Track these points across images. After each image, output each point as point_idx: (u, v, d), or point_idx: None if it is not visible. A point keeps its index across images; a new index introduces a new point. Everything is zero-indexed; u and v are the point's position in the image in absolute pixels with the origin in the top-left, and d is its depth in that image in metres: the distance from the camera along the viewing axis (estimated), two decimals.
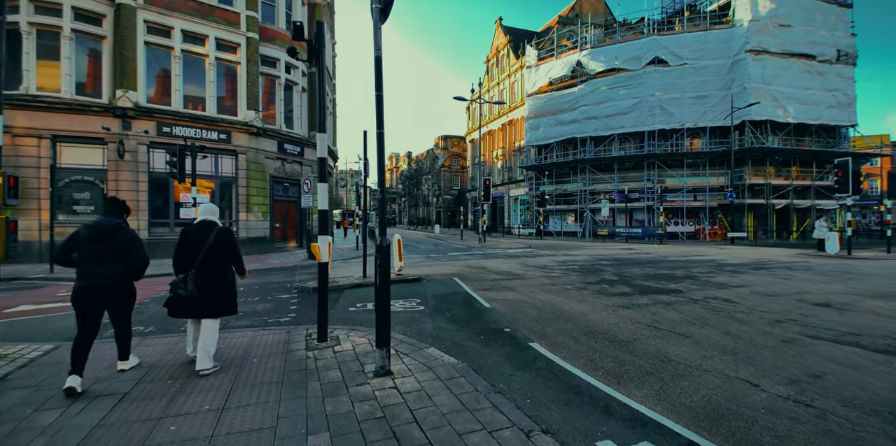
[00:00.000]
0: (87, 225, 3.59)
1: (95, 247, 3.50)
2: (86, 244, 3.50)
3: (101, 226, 3.56)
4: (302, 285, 7.99)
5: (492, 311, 6.08)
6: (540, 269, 10.95)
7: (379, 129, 3.69)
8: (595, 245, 21.55)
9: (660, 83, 27.79)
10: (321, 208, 4.61)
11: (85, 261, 3.50)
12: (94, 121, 14.14)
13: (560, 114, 30.96)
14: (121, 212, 3.78)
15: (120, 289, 3.63)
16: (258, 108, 17.50)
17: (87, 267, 3.49)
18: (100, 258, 3.50)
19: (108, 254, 3.52)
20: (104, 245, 3.51)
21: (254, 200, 17.27)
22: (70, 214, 14.23)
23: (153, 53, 15.39)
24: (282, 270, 11.65)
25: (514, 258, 14.17)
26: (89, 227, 3.56)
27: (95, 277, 3.48)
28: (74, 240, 3.52)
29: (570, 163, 30.49)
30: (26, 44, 13.44)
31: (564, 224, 32.40)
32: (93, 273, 3.48)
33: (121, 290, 3.65)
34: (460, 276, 9.62)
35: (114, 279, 3.55)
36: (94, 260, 3.49)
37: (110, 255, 3.53)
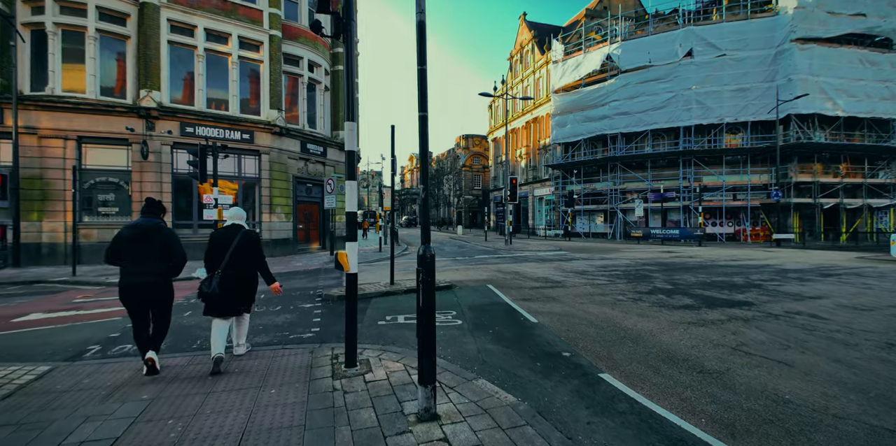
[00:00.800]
0: (128, 226, 3.75)
1: (138, 247, 3.69)
2: (128, 244, 3.68)
3: (141, 227, 3.73)
4: (326, 293, 7.37)
5: (540, 328, 5.29)
6: (580, 276, 10.05)
7: (422, 112, 2.97)
8: (630, 247, 20.38)
9: (696, 76, 26.32)
10: (349, 210, 3.93)
11: (129, 260, 3.70)
12: (119, 122, 13.98)
13: (589, 111, 29.75)
14: (158, 212, 3.96)
15: (161, 285, 3.81)
16: (281, 108, 17.14)
17: (131, 265, 3.70)
18: (142, 257, 3.70)
19: (150, 253, 3.72)
20: (146, 244, 3.70)
21: (277, 201, 16.91)
22: (95, 216, 14.11)
23: (176, 53, 15.17)
24: (305, 274, 11.12)
25: (547, 262, 13.28)
26: (131, 228, 3.72)
27: (139, 275, 3.69)
28: (118, 240, 3.70)
29: (600, 161, 29.24)
30: (52, 44, 13.36)
31: (593, 225, 31.14)
32: (136, 271, 3.69)
33: (162, 287, 3.82)
34: (494, 283, 8.84)
35: (156, 276, 3.75)
36: (137, 259, 3.69)
37: (152, 254, 3.72)
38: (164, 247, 3.76)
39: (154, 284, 3.75)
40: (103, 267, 13.02)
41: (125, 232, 3.72)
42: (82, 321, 5.83)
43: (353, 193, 3.92)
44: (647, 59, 27.59)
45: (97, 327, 5.48)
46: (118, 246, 3.70)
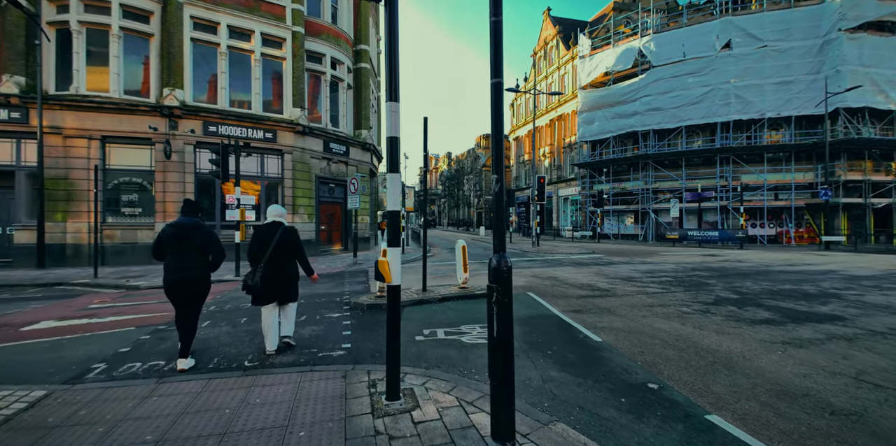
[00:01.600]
0: (170, 224, 4.00)
1: (179, 244, 3.92)
2: (171, 241, 3.92)
3: (183, 225, 3.96)
4: (355, 301, 6.73)
5: (608, 349, 4.50)
6: (628, 282, 9.17)
7: (496, 78, 2.26)
8: (667, 250, 19.24)
9: (735, 69, 24.90)
10: (392, 208, 3.24)
11: (172, 256, 3.93)
12: (142, 121, 13.76)
13: (618, 107, 28.56)
14: (196, 211, 4.17)
15: (201, 279, 4.02)
16: (304, 106, 16.73)
17: (174, 261, 3.92)
18: (184, 253, 3.93)
19: (191, 249, 3.95)
20: (186, 241, 3.93)
21: (300, 201, 16.49)
22: (119, 216, 13.92)
23: (199, 50, 14.90)
24: (329, 278, 10.56)
25: (584, 266, 12.39)
26: (173, 226, 3.97)
27: (181, 270, 3.90)
28: (162, 237, 3.96)
29: (630, 160, 28.01)
30: (76, 43, 13.22)
31: (622, 226, 29.88)
32: (179, 266, 3.91)
33: (203, 280, 4.03)
34: (535, 291, 8.06)
35: (196, 271, 3.97)
36: (179, 255, 3.93)
37: (193, 250, 3.96)
38: (203, 244, 4.02)
39: (195, 278, 3.97)
40: (126, 268, 12.79)
41: (167, 229, 3.98)
42: (93, 331, 5.33)
43: (396, 188, 3.23)
44: (681, 52, 26.30)
45: (107, 339, 4.97)
46: (162, 242, 3.97)
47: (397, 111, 3.15)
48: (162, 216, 14.01)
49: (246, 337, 4.97)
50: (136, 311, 6.53)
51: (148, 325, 5.59)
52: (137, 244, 13.86)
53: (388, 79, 3.16)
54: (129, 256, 13.71)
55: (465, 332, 5.03)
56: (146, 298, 7.84)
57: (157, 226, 13.95)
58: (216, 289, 8.89)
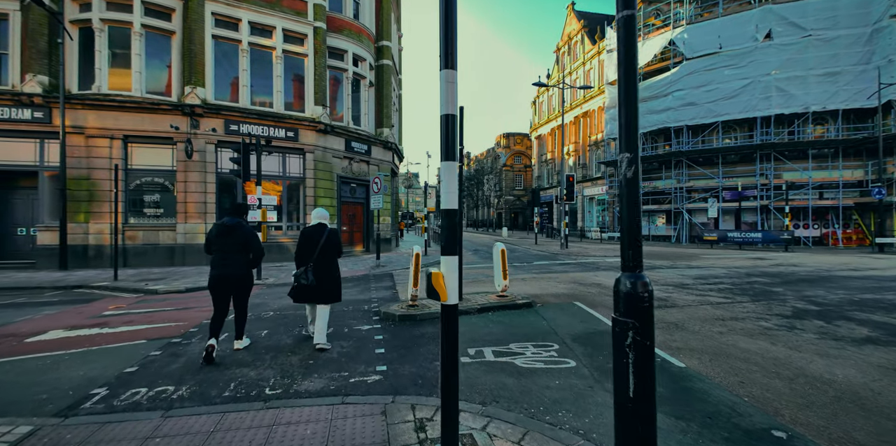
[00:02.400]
0: (216, 224, 4.38)
1: (224, 242, 4.25)
2: (217, 239, 4.27)
3: (226, 225, 4.31)
4: (385, 310, 6.07)
5: (698, 378, 3.70)
6: (683, 290, 8.28)
7: (627, 11, 1.55)
8: (707, 252, 18.06)
9: (776, 60, 23.43)
10: (449, 207, 2.56)
11: (216, 253, 4.26)
12: (163, 120, 13.50)
13: (649, 102, 27.30)
14: (241, 212, 4.56)
15: (243, 276, 4.32)
16: (326, 104, 16.28)
17: (218, 258, 4.24)
18: (228, 251, 4.26)
19: (234, 247, 4.27)
20: (230, 239, 4.26)
21: (321, 202, 16.03)
22: (141, 217, 13.70)
23: (221, 48, 14.59)
24: (353, 282, 9.98)
25: None
26: (219, 226, 4.32)
27: (225, 267, 4.23)
28: (209, 236, 4.31)
29: (662, 157, 26.74)
30: (98, 42, 13.03)
31: (653, 226, 28.59)
32: (223, 263, 4.22)
33: (244, 277, 4.34)
34: (582, 300, 7.27)
35: (240, 267, 4.29)
36: (223, 252, 4.25)
37: (235, 247, 4.27)
38: (244, 242, 4.34)
39: (237, 275, 4.29)
40: (148, 270, 12.51)
41: (214, 229, 4.36)
42: (100, 344, 4.82)
43: (453, 179, 2.54)
44: (717, 44, 24.95)
45: (114, 355, 4.43)
46: (210, 239, 4.33)
47: (454, 81, 2.46)
48: (183, 217, 13.73)
49: (267, 355, 4.37)
50: (150, 320, 6.03)
51: (160, 338, 5.05)
52: (159, 245, 13.60)
53: (444, 42, 2.48)
54: (150, 257, 13.46)
55: (517, 353, 4.31)
56: (162, 304, 7.38)
57: (178, 228, 13.68)
58: None
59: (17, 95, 12.35)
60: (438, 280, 2.46)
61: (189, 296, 8.24)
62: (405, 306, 6.11)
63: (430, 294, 2.48)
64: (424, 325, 5.50)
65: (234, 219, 4.37)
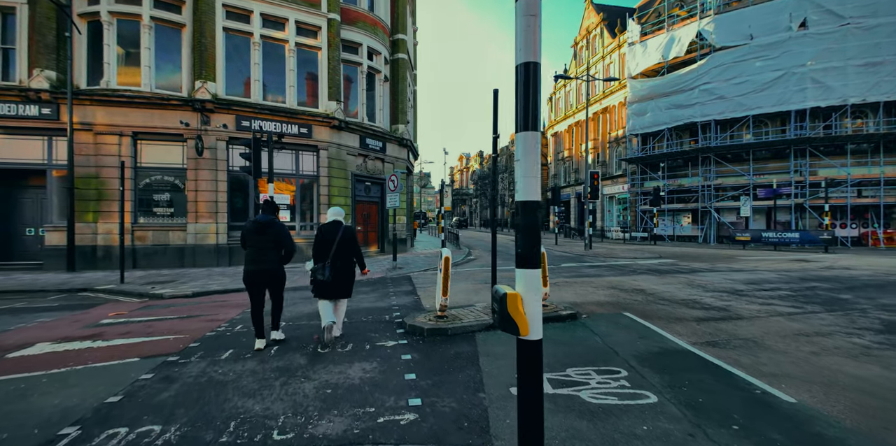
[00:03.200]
0: (251, 221, 4.66)
1: (258, 238, 4.54)
2: (252, 235, 4.57)
3: (260, 222, 4.57)
4: (410, 323, 5.31)
5: (825, 421, 2.85)
6: (740, 297, 7.37)
7: None
8: (745, 254, 16.94)
9: (811, 50, 22.12)
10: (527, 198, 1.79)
11: (251, 249, 4.57)
12: (173, 116, 13.00)
13: (673, 96, 26.15)
14: (273, 210, 4.74)
15: (276, 270, 4.64)
16: (340, 99, 15.65)
17: (253, 254, 4.54)
18: (262, 247, 4.54)
19: (267, 244, 4.56)
20: (265, 236, 4.54)
21: (335, 201, 15.41)
22: (150, 217, 13.23)
23: (232, 41, 14.05)
24: (369, 286, 9.28)
25: (666, 275, 10.55)
26: (253, 223, 4.61)
27: (260, 262, 4.52)
28: (245, 232, 4.64)
29: (689, 153, 25.56)
30: (107, 35, 12.58)
31: (678, 226, 27.39)
32: (257, 259, 4.52)
33: (277, 272, 4.66)
34: (631, 309, 6.42)
35: (273, 263, 4.59)
36: (258, 248, 4.54)
37: (269, 244, 4.56)
38: (277, 239, 4.56)
39: (270, 270, 4.53)
40: (157, 271, 12.01)
41: (249, 225, 4.60)
42: (88, 362, 4.18)
43: (533, 157, 1.77)
44: (748, 34, 23.69)
45: (99, 378, 3.77)
46: (245, 236, 4.58)
47: (537, 14, 1.69)
48: (194, 216, 13.21)
49: (276, 381, 3.66)
50: (149, 331, 5.40)
51: (156, 355, 4.39)
52: (169, 246, 13.12)
53: None
54: (160, 258, 12.98)
55: (580, 382, 3.51)
56: (166, 312, 6.77)
57: (188, 228, 13.18)
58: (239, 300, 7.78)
59: (25, 91, 11.96)
60: (517, 305, 1.70)
61: (195, 302, 7.62)
62: (432, 317, 5.37)
63: (505, 325, 1.72)
64: (457, 342, 4.74)
65: (268, 217, 4.61)
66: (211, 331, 5.27)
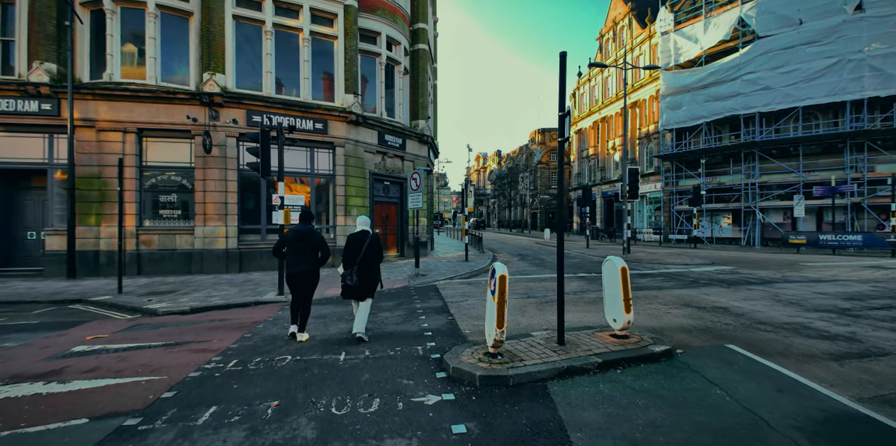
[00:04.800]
0: (292, 229, 5.32)
1: (298, 245, 5.19)
2: (292, 242, 5.22)
3: (300, 231, 5.22)
4: (455, 366, 3.98)
5: None
6: (854, 319, 5.87)
7: None
8: (806, 259, 15.16)
9: (869, 35, 20.14)
10: None
11: (291, 254, 5.22)
12: (180, 111, 12.06)
13: (712, 88, 24.34)
14: (310, 219, 5.42)
15: (313, 272, 5.26)
16: (357, 92, 14.52)
17: (293, 259, 5.20)
18: (301, 252, 5.19)
19: (306, 250, 5.21)
20: (304, 243, 5.20)
21: (353, 201, 14.30)
22: (156, 219, 12.32)
23: (242, 30, 13.06)
24: (391, 299, 8.07)
25: (737, 286, 9.02)
26: (293, 232, 5.26)
27: (299, 266, 5.16)
28: (284, 239, 5.33)
29: (730, 149, 23.71)
30: (110, 25, 11.71)
31: (716, 227, 25.52)
32: (297, 263, 5.17)
33: (313, 272, 5.27)
34: (730, 338, 5.00)
35: (310, 265, 5.22)
36: (297, 254, 5.19)
37: (307, 250, 5.22)
38: (314, 246, 5.26)
39: (308, 272, 5.21)
40: (161, 278, 11.07)
41: (290, 234, 5.29)
42: (15, 426, 3.03)
43: None
44: (796, 19, 21.77)
45: None
46: (284, 242, 5.32)
47: None
48: (202, 219, 12.25)
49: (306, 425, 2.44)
50: (120, 368, 4.24)
51: (112, 415, 3.18)
52: (176, 251, 12.18)
53: None
54: (166, 264, 12.06)
55: None
56: (152, 335, 5.66)
57: (196, 231, 12.21)
58: (252, 316, 6.64)
59: (24, 85, 11.16)
60: None
61: (190, 321, 6.51)
62: (482, 355, 4.09)
63: None
64: (525, 398, 3.38)
65: (307, 226, 5.27)
66: (196, 371, 4.08)
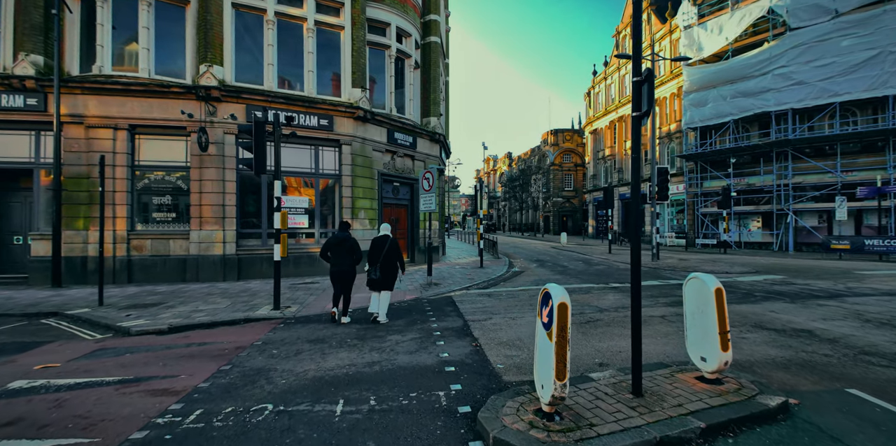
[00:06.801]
0: (333, 236, 6.78)
1: (337, 248, 6.62)
2: (333, 247, 6.64)
3: (340, 237, 6.70)
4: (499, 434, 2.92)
5: None
6: None
7: None
8: (859, 267, 13.73)
9: None
10: None
11: (334, 256, 6.63)
12: (175, 106, 11.18)
13: (740, 83, 22.96)
14: (347, 228, 6.98)
15: (350, 271, 6.71)
16: (365, 86, 13.55)
17: (336, 259, 6.62)
18: (340, 254, 6.63)
19: (343, 252, 6.65)
20: (341, 247, 6.64)
21: (360, 204, 13.30)
22: (149, 223, 11.43)
23: (242, 20, 12.18)
24: (404, 317, 7.00)
25: (802, 301, 7.78)
26: (333, 238, 6.72)
27: (340, 265, 6.61)
28: (328, 244, 6.69)
29: (760, 148, 22.28)
30: (100, 13, 10.89)
31: (745, 232, 24.05)
32: (339, 262, 6.61)
33: (351, 272, 6.73)
34: (845, 380, 3.82)
35: (347, 265, 6.67)
36: (337, 255, 6.63)
37: (344, 253, 6.65)
38: (349, 249, 6.68)
39: (346, 270, 6.65)
40: (152, 287, 10.14)
41: (331, 240, 6.71)
42: None
43: None
44: (831, 9, 20.34)
45: None
46: (328, 247, 6.66)
47: None
48: (198, 222, 11.32)
49: None
50: (47, 422, 3.15)
51: None
52: (170, 257, 11.26)
53: None
54: (160, 271, 11.15)
55: None
56: (111, 365, 4.64)
57: (191, 235, 11.29)
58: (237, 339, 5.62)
59: (7, 78, 10.36)
60: None
61: (163, 346, 5.46)
62: (533, 414, 2.99)
63: None
64: None
65: (344, 234, 6.80)
66: (141, 429, 3.00)
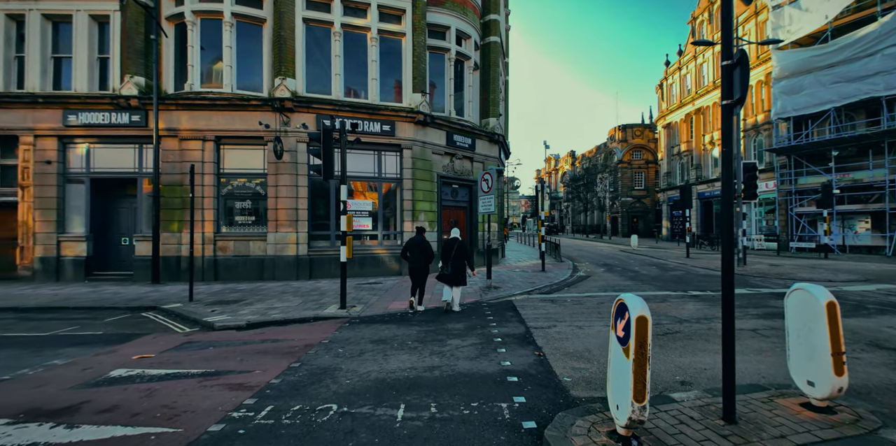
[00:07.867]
0: (411, 239, 7.86)
1: (415, 249, 7.71)
2: (412, 248, 7.73)
3: (417, 241, 7.79)
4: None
5: None
6: None
7: None
8: None
9: None
10: None
11: (413, 255, 7.71)
12: (253, 118, 12.09)
13: (841, 67, 20.20)
14: (423, 232, 8.19)
15: (425, 268, 7.79)
16: (425, 90, 13.73)
17: (413, 258, 7.71)
18: (417, 254, 7.70)
19: (420, 253, 7.70)
20: (418, 248, 7.71)
21: (420, 206, 13.49)
22: (232, 226, 12.45)
23: (311, 33, 12.88)
24: (463, 321, 6.93)
25: None
26: (413, 240, 7.81)
27: (417, 262, 7.70)
28: (408, 246, 7.78)
29: (868, 138, 19.45)
30: (191, 36, 12.05)
31: (850, 233, 21.10)
32: (416, 260, 7.69)
33: (426, 269, 7.80)
34: None
35: (423, 263, 7.73)
36: (415, 255, 7.70)
37: (420, 253, 7.71)
38: (425, 249, 7.75)
39: (422, 267, 7.73)
40: (234, 285, 11.01)
41: (410, 241, 7.79)
42: None
43: None
44: None
45: None
46: (409, 248, 7.76)
47: None
48: (274, 225, 12.12)
49: None
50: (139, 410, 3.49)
51: None
52: (249, 257, 12.18)
53: None
54: (241, 270, 12.09)
55: None
56: (196, 358, 5.05)
57: (268, 237, 12.11)
58: (306, 337, 5.88)
59: (116, 99, 11.83)
60: None
61: (240, 341, 5.86)
62: (606, 436, 2.77)
63: None
64: None
65: (420, 237, 7.91)
66: (219, 422, 3.23)
